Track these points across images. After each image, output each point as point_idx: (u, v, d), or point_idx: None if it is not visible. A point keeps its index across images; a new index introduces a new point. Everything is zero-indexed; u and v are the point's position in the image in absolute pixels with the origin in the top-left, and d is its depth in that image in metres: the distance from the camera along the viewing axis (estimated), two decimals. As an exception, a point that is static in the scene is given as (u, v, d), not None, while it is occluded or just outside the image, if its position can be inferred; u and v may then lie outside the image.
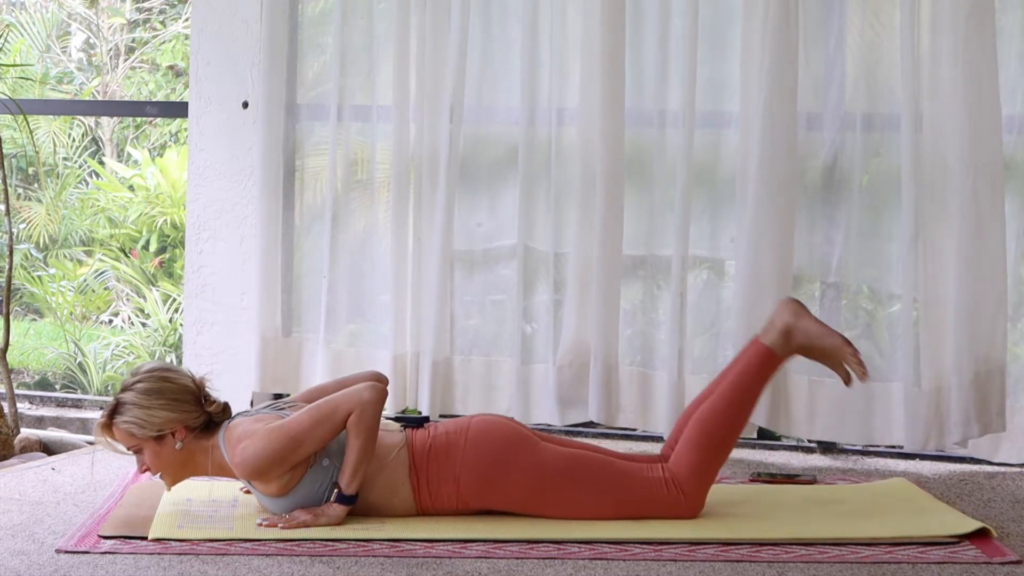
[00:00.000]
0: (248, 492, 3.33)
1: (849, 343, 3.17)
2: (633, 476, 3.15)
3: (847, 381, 3.21)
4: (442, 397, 4.18)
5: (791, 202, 3.91)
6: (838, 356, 3.18)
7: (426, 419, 3.29)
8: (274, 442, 3.03)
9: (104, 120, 7.65)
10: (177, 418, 3.10)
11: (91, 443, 4.28)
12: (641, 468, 3.17)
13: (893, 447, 4.01)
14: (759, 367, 3.19)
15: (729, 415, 3.17)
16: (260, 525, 3.05)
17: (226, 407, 3.20)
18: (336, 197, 4.24)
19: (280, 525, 3.03)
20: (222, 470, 3.15)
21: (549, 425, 4.17)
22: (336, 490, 3.07)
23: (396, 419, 3.29)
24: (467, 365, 4.22)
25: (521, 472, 3.13)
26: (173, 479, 3.16)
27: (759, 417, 3.89)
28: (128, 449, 3.14)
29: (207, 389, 3.19)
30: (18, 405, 4.46)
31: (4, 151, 4.75)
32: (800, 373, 3.97)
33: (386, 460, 3.15)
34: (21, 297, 7.10)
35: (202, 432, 3.14)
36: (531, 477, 3.13)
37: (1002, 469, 3.87)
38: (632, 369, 4.09)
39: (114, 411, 3.11)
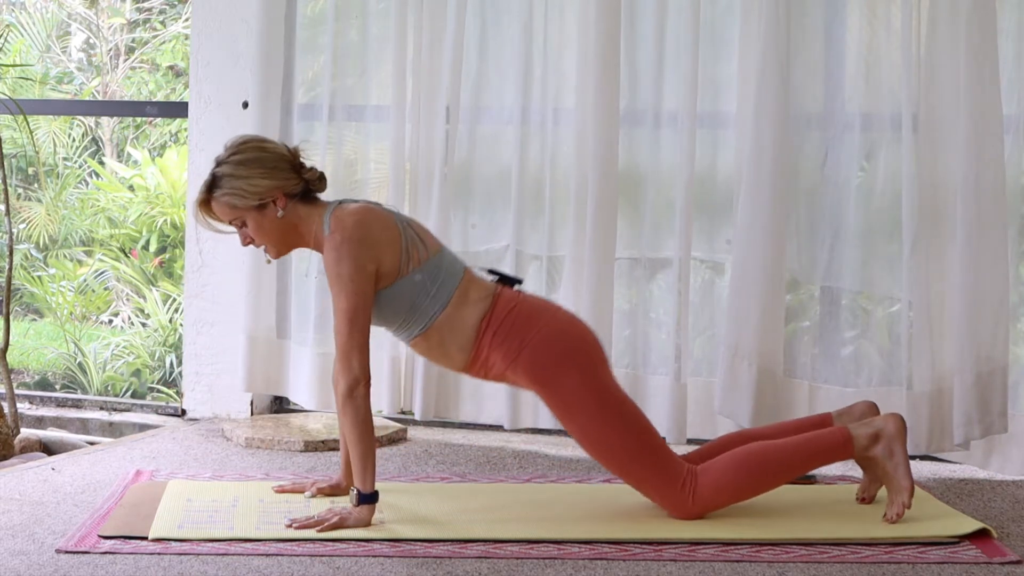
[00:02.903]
0: (280, 491, 3.36)
1: (912, 494, 3.15)
2: (663, 453, 3.12)
3: (886, 514, 3.17)
4: (436, 400, 4.18)
5: (788, 203, 3.91)
6: (896, 492, 3.16)
7: (519, 280, 3.27)
8: (337, 299, 3.05)
9: (104, 120, 7.65)
10: (277, 185, 3.09)
11: (91, 443, 4.29)
12: (673, 455, 3.15)
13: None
14: (829, 449, 3.18)
15: (777, 469, 3.16)
16: (289, 526, 3.04)
17: (322, 176, 3.18)
18: (330, 197, 4.23)
19: (298, 527, 3.02)
20: (319, 245, 3.14)
21: (545, 429, 4.18)
22: (355, 493, 3.06)
23: (491, 272, 3.27)
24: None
25: (581, 375, 3.10)
26: (277, 249, 3.17)
27: (759, 419, 3.88)
28: (229, 223, 3.14)
29: (302, 157, 3.16)
30: (18, 405, 4.46)
31: (4, 151, 4.75)
32: (801, 378, 3.97)
33: (469, 299, 3.14)
34: (21, 297, 7.10)
35: (302, 201, 3.13)
36: (587, 386, 3.10)
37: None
38: (628, 372, 4.08)
39: (212, 185, 3.10)
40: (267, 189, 3.08)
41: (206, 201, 3.13)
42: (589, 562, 2.88)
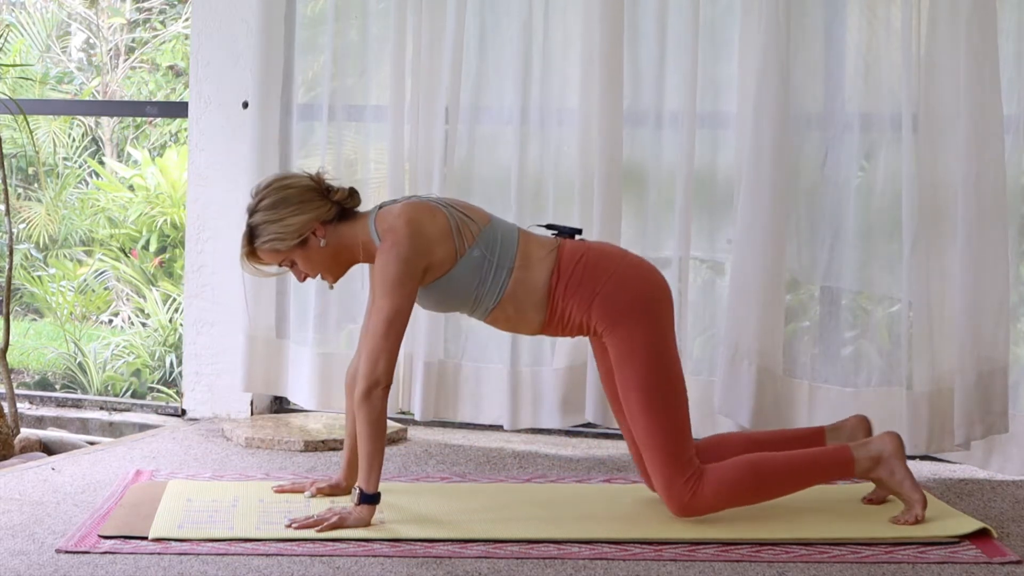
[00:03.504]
0: (280, 491, 3.36)
1: (925, 505, 3.16)
2: (685, 437, 3.12)
3: (897, 518, 3.19)
4: (436, 399, 4.18)
5: (788, 203, 3.91)
6: (909, 505, 3.17)
7: (579, 230, 3.28)
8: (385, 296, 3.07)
9: (104, 120, 7.65)
10: (311, 217, 3.11)
11: (91, 443, 4.29)
12: (692, 447, 3.14)
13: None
14: (830, 468, 3.18)
15: (778, 482, 3.17)
16: (289, 526, 3.04)
17: (352, 191, 3.20)
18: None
19: (298, 527, 3.02)
20: (371, 257, 3.16)
21: (545, 429, 4.18)
22: (358, 492, 3.06)
23: (548, 227, 3.29)
24: (460, 367, 4.21)
25: (649, 323, 3.12)
26: (333, 275, 3.19)
27: (759, 419, 3.88)
28: (279, 266, 3.17)
29: (326, 181, 3.18)
30: (18, 405, 4.46)
31: (4, 151, 4.75)
32: (800, 378, 3.97)
33: (533, 258, 3.16)
34: (21, 297, 7.10)
35: (341, 221, 3.16)
36: (651, 335, 3.11)
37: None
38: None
39: (251, 237, 3.13)
40: (303, 224, 3.11)
41: (251, 253, 3.16)
42: (589, 562, 2.88)
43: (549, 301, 3.16)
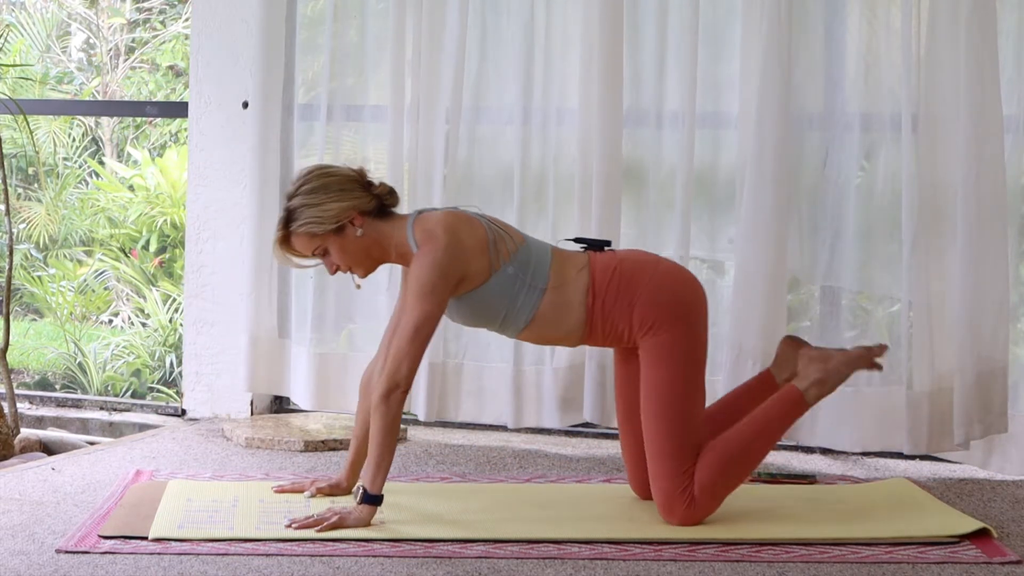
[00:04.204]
0: (280, 491, 3.36)
1: (864, 350, 3.25)
2: (691, 450, 3.11)
3: (872, 352, 3.27)
4: (439, 400, 4.18)
5: (789, 203, 3.91)
6: (863, 365, 3.26)
7: (608, 243, 3.28)
8: (417, 304, 3.07)
9: (104, 120, 7.65)
10: (350, 205, 3.11)
11: (91, 443, 4.29)
12: (694, 461, 3.12)
13: (894, 452, 3.99)
14: (786, 414, 3.21)
15: (750, 454, 3.17)
16: (288, 526, 3.04)
17: (392, 190, 3.20)
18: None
19: (298, 527, 3.02)
20: (403, 259, 3.17)
21: (546, 429, 4.18)
22: (362, 491, 3.06)
23: (578, 240, 3.29)
24: (462, 367, 4.21)
25: (685, 329, 3.13)
26: (364, 268, 3.19)
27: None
28: (311, 254, 3.16)
29: (369, 176, 3.19)
30: (18, 405, 4.46)
31: (4, 151, 4.75)
32: (800, 375, 3.97)
33: (567, 278, 3.16)
34: (21, 297, 7.10)
35: (379, 217, 3.15)
36: (684, 341, 3.13)
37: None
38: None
39: (288, 220, 3.13)
40: (341, 211, 3.10)
41: (285, 237, 3.15)
42: (589, 562, 2.88)
43: (588, 318, 3.16)
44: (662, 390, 3.11)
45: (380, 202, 3.17)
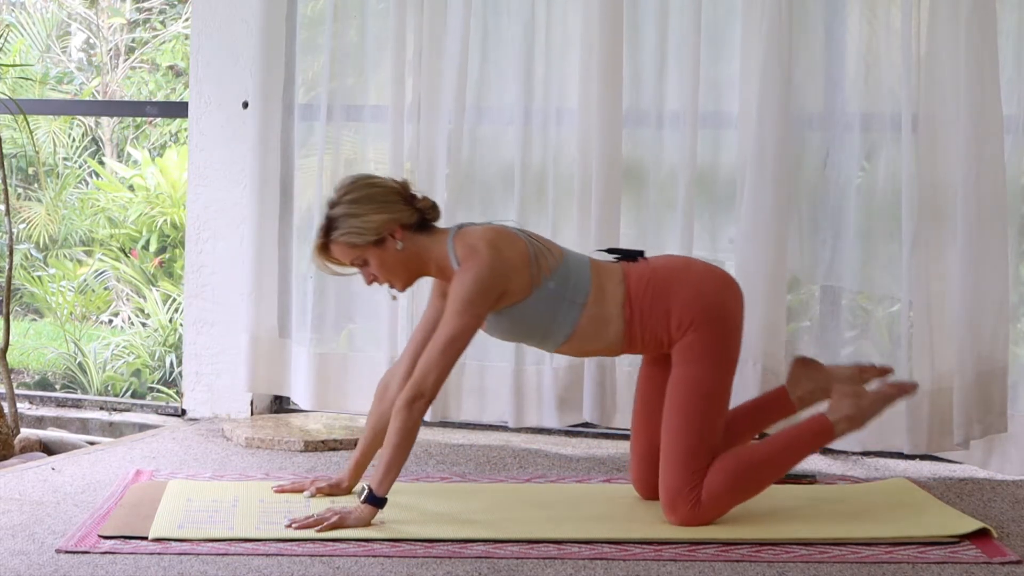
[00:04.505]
0: (280, 491, 3.36)
1: (896, 389, 3.26)
2: (706, 453, 3.11)
3: (904, 389, 3.29)
4: (442, 400, 4.18)
5: (789, 203, 3.91)
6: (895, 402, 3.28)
7: (641, 253, 3.28)
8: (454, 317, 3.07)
9: (104, 120, 7.64)
10: (392, 218, 3.11)
11: (91, 443, 4.29)
12: (707, 465, 3.12)
13: (895, 452, 3.99)
14: (815, 440, 3.20)
15: (770, 468, 3.18)
16: (288, 526, 3.04)
17: (434, 205, 3.20)
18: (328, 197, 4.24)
19: (298, 527, 3.02)
20: (443, 274, 3.16)
21: (546, 428, 4.18)
22: (367, 490, 3.06)
23: (610, 251, 3.29)
24: (463, 367, 4.21)
25: (719, 335, 3.12)
26: (403, 281, 3.18)
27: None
28: (350, 263, 3.16)
29: (412, 189, 3.18)
30: (18, 405, 4.46)
31: (4, 151, 4.75)
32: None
33: (605, 292, 3.15)
34: (21, 297, 7.10)
35: (420, 231, 3.15)
36: (720, 344, 3.12)
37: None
38: (630, 371, 4.08)
39: (328, 228, 3.13)
40: (383, 223, 3.10)
41: (324, 245, 3.15)
42: (589, 562, 2.88)
43: (626, 330, 3.16)
44: (689, 387, 3.11)
45: (422, 216, 3.16)
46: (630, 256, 3.26)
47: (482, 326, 3.16)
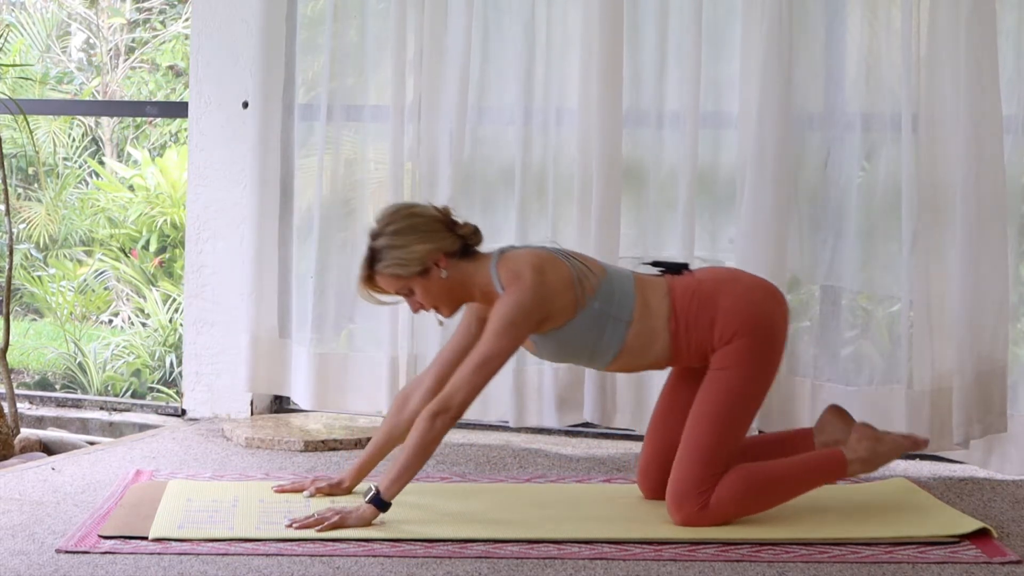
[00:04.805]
0: (280, 491, 3.35)
1: (911, 442, 3.26)
2: (724, 456, 3.11)
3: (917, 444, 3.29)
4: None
5: (790, 202, 3.91)
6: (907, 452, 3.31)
7: (685, 265, 3.28)
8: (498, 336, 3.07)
9: (104, 120, 7.64)
10: (436, 248, 3.11)
11: (91, 443, 4.29)
12: (721, 470, 3.13)
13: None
14: (827, 472, 3.22)
15: (780, 490, 3.19)
16: (289, 526, 3.04)
17: (476, 230, 3.19)
18: (329, 197, 4.24)
19: (298, 527, 3.02)
20: (487, 299, 3.15)
21: (547, 428, 4.18)
22: (374, 491, 3.06)
23: (655, 264, 3.29)
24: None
25: (760, 346, 3.13)
26: (449, 308, 3.18)
27: (761, 421, 3.88)
28: (396, 292, 3.16)
29: (453, 215, 3.18)
30: (18, 405, 4.46)
31: (4, 151, 4.75)
32: (803, 376, 3.97)
33: (650, 307, 3.15)
34: (21, 297, 7.10)
35: (463, 257, 3.15)
36: (761, 356, 3.13)
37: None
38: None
39: (372, 260, 3.12)
40: (427, 253, 3.10)
41: (369, 277, 3.15)
42: (589, 562, 2.88)
43: (673, 343, 3.16)
44: (722, 389, 3.12)
45: (464, 242, 3.16)
46: (675, 269, 3.26)
47: (529, 348, 3.18)
